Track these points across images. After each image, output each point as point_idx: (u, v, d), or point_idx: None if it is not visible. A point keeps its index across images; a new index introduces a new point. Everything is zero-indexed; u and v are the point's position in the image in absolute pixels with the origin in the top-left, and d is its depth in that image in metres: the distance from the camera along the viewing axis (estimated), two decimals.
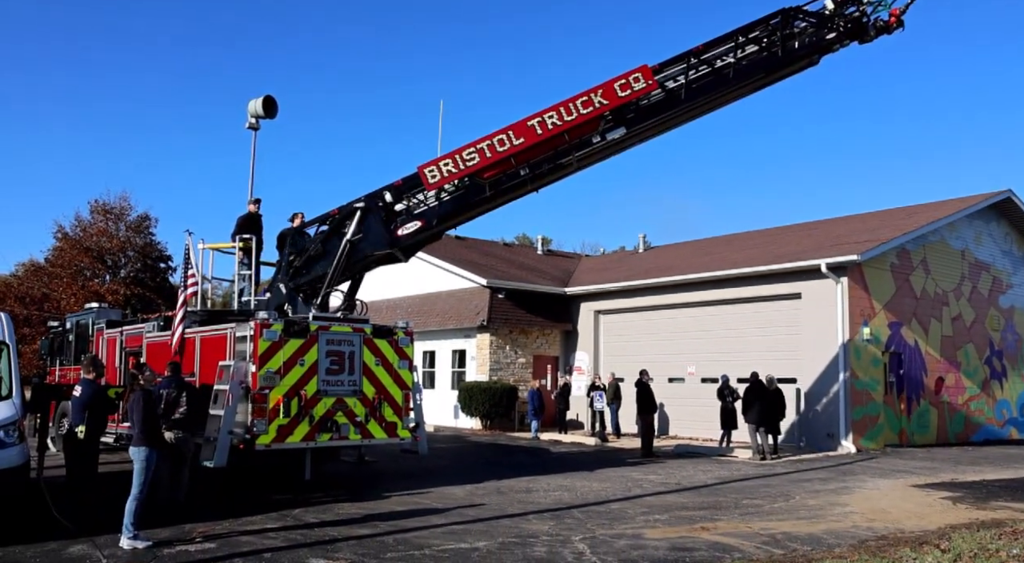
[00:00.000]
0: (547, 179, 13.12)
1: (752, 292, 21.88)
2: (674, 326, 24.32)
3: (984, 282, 24.91)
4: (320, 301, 12.95)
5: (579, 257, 38.10)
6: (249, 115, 17.06)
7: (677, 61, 12.45)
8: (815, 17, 12.31)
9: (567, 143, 12.44)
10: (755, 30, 12.42)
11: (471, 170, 12.41)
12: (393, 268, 16.55)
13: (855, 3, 12.20)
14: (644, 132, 12.92)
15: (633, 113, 12.47)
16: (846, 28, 12.17)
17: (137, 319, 17.64)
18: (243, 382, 11.48)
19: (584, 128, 12.31)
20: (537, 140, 12.23)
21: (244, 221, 14.46)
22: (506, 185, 12.75)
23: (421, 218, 12.99)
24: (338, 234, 13.19)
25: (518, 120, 12.30)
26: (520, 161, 12.51)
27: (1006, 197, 24.88)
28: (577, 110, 12.10)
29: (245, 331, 11.82)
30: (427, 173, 12.55)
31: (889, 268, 21.36)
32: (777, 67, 12.55)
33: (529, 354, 26.62)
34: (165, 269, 45.02)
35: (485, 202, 13.05)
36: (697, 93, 12.44)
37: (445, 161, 12.44)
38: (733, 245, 27.46)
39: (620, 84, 11.96)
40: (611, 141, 12.62)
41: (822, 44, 12.33)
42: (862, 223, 25.06)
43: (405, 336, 13.32)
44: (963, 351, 23.73)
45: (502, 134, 12.28)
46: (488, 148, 12.30)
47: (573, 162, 12.74)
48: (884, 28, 12.19)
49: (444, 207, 12.97)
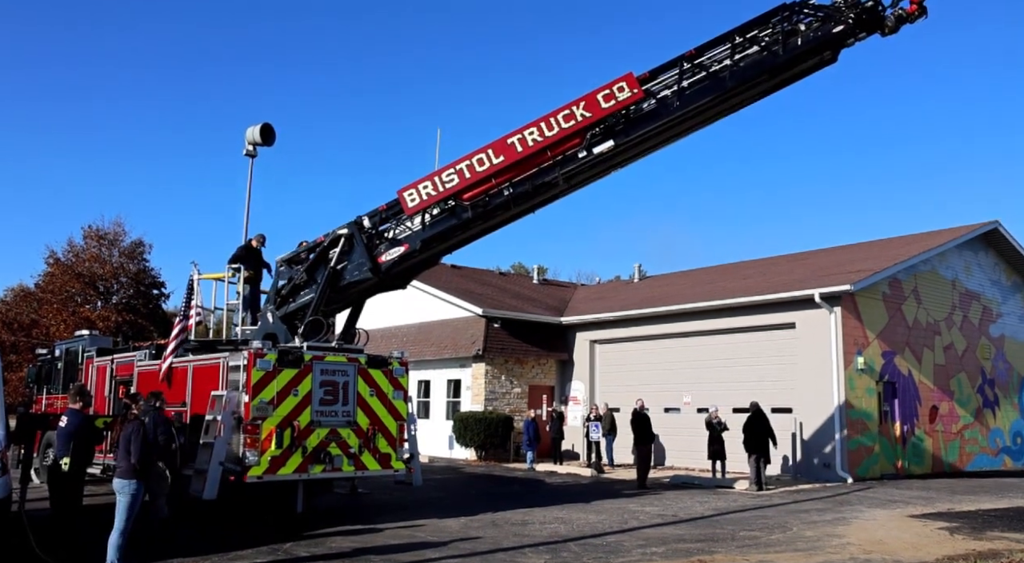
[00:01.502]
0: (533, 200, 12.47)
1: (747, 322, 21.91)
2: (670, 356, 24.29)
3: (974, 311, 25.02)
4: (303, 330, 12.64)
5: (575, 286, 38.12)
6: (247, 142, 17.12)
7: (669, 67, 11.56)
8: (822, 10, 11.03)
9: (550, 160, 11.76)
10: (754, 29, 11.29)
11: (450, 191, 11.98)
12: (389, 296, 16.54)
13: None
14: (638, 145, 12.04)
15: (622, 124, 11.65)
16: (859, 19, 10.83)
17: (128, 347, 17.52)
18: (235, 412, 11.40)
19: (568, 143, 11.60)
20: (518, 158, 11.64)
21: (242, 251, 14.41)
22: (489, 206, 12.19)
23: (404, 243, 12.68)
24: (324, 262, 13.10)
25: (498, 138, 11.77)
26: (502, 181, 11.92)
27: (993, 228, 25.11)
28: (559, 124, 11.43)
29: (238, 360, 11.75)
30: (406, 196, 12.23)
31: (881, 298, 21.44)
32: (781, 67, 11.32)
33: (525, 384, 26.53)
34: (158, 296, 44.91)
35: (469, 226, 12.56)
36: (691, 100, 11.40)
37: (424, 184, 12.09)
38: (728, 275, 27.55)
39: (603, 95, 11.26)
40: (600, 156, 11.76)
41: (828, 38, 10.98)
42: (854, 253, 25.20)
43: (400, 366, 13.26)
44: (956, 380, 23.75)
45: (481, 153, 11.77)
46: (467, 168, 11.83)
47: (559, 180, 11.94)
48: (905, 17, 10.86)
49: (427, 231, 12.57)
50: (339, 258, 12.91)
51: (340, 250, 12.91)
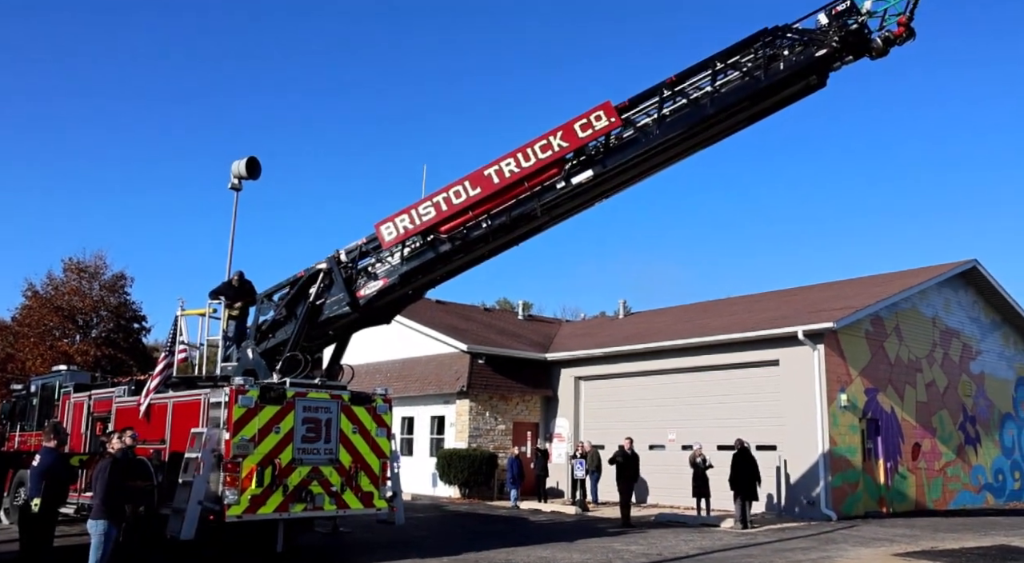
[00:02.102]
0: (513, 233, 12.29)
1: (732, 359, 21.96)
2: (655, 393, 24.26)
3: (955, 349, 25.23)
4: (281, 366, 12.50)
5: (559, 322, 38.14)
6: (232, 175, 17.13)
7: (649, 95, 11.36)
8: (805, 34, 10.82)
9: (528, 191, 11.56)
10: (735, 54, 11.09)
11: (427, 224, 11.82)
12: (373, 332, 16.45)
13: (852, 14, 10.65)
14: (619, 175, 11.83)
15: (601, 154, 11.47)
16: (844, 43, 10.56)
17: (107, 383, 17.29)
18: (215, 450, 11.24)
19: (545, 174, 11.39)
20: (495, 189, 11.45)
21: (224, 286, 14.32)
22: (468, 239, 12.03)
23: (383, 278, 12.56)
24: (303, 297, 13.01)
25: (475, 169, 11.65)
26: (479, 213, 11.75)
27: (972, 266, 25.45)
28: (536, 155, 11.22)
29: (220, 397, 11.62)
30: (383, 230, 12.09)
31: (864, 335, 21.58)
32: (763, 93, 11.05)
33: (509, 421, 26.37)
34: (139, 330, 44.40)
35: (448, 259, 12.42)
36: (672, 128, 11.18)
37: (401, 217, 11.94)
38: (712, 312, 27.66)
39: (581, 124, 11.06)
40: (579, 187, 11.56)
41: (812, 62, 10.73)
42: (836, 291, 25.42)
43: (384, 403, 13.15)
44: (938, 417, 23.86)
45: (458, 185, 11.62)
46: (444, 201, 11.66)
47: (538, 212, 11.75)
48: (893, 39, 10.56)
49: (406, 265, 12.44)
50: (318, 293, 12.82)
51: (319, 285, 12.83)
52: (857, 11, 10.53)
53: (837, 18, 10.61)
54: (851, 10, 10.54)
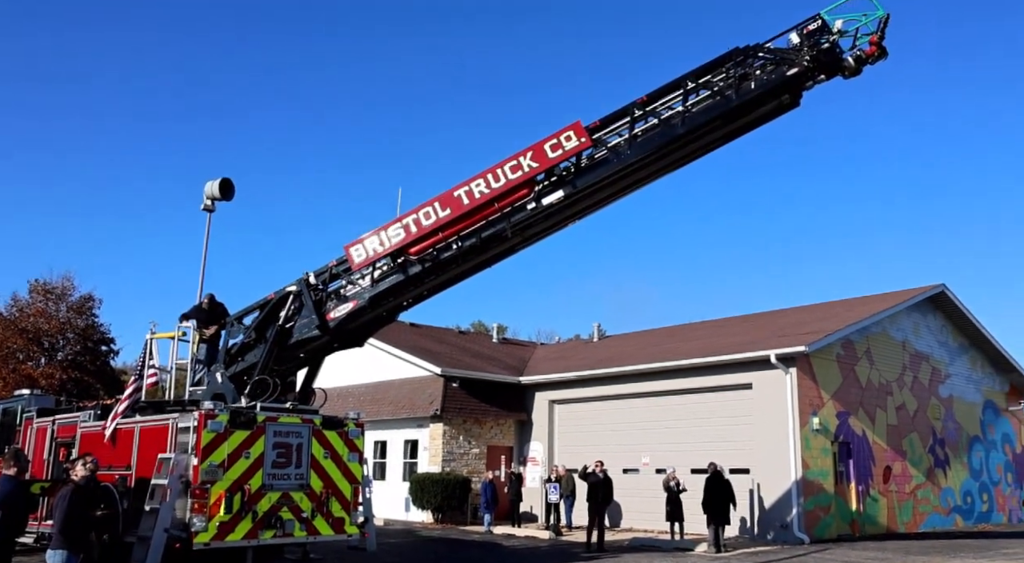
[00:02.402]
0: (484, 254, 12.17)
1: (705, 382, 22.02)
2: (629, 416, 24.24)
3: (924, 372, 25.52)
4: (250, 390, 12.27)
5: (534, 345, 38.06)
6: (205, 197, 16.95)
7: (620, 115, 11.28)
8: (776, 54, 10.81)
9: (498, 212, 11.43)
10: (707, 74, 11.05)
11: (397, 246, 11.71)
12: (346, 355, 16.27)
13: (824, 33, 10.60)
14: (591, 195, 11.73)
15: (572, 174, 11.37)
16: (816, 62, 10.52)
17: (72, 407, 16.92)
18: (183, 476, 11.01)
19: (515, 194, 11.28)
20: (464, 210, 11.33)
21: (194, 310, 14.11)
22: (438, 260, 11.90)
23: (353, 300, 12.40)
24: (273, 320, 12.84)
25: (445, 191, 11.53)
26: (449, 234, 11.63)
27: (940, 291, 25.83)
28: (505, 176, 11.11)
29: (188, 422, 11.40)
30: (352, 252, 11.99)
31: (835, 359, 21.76)
32: (735, 112, 10.99)
33: (483, 444, 26.19)
34: (107, 352, 43.67)
35: (419, 281, 12.28)
36: (643, 148, 11.10)
37: (370, 239, 11.85)
38: (686, 335, 27.78)
39: (551, 144, 10.96)
40: (550, 207, 11.42)
41: (783, 81, 10.72)
42: (808, 314, 25.66)
43: (356, 428, 12.99)
44: (908, 440, 24.07)
45: (428, 206, 11.49)
46: (413, 222, 11.55)
47: (509, 233, 11.60)
48: (865, 58, 10.57)
49: (376, 288, 12.29)
50: (288, 316, 12.64)
51: (288, 308, 12.66)
52: (828, 30, 10.52)
53: (809, 37, 10.59)
54: (822, 29, 10.55)
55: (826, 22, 10.52)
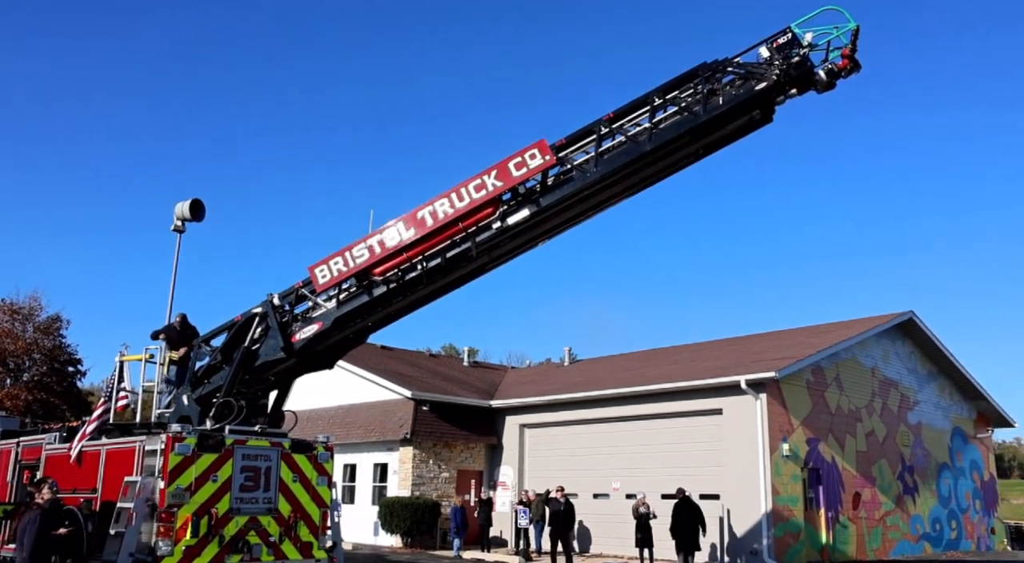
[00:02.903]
0: (451, 275, 12.00)
1: (675, 407, 22.11)
2: (599, 441, 24.24)
3: (893, 399, 25.81)
4: (214, 412, 12.05)
5: (505, 369, 38.03)
6: (175, 217, 16.83)
7: (586, 132, 11.10)
8: (745, 68, 10.54)
9: (463, 232, 11.28)
10: (674, 90, 10.84)
11: (361, 267, 11.57)
12: (317, 378, 16.15)
13: (794, 46, 10.29)
14: (558, 214, 11.53)
15: (538, 193, 11.17)
16: (786, 76, 10.25)
17: (37, 429, 16.61)
18: (149, 499, 10.84)
19: (480, 214, 11.10)
20: (428, 230, 11.18)
21: (166, 328, 13.95)
22: (403, 281, 11.72)
23: (318, 321, 12.21)
24: (239, 342, 12.72)
25: (410, 211, 11.39)
26: (413, 254, 11.47)
27: (908, 318, 26.18)
28: (469, 195, 10.95)
29: (155, 444, 11.25)
30: (317, 273, 11.84)
31: (805, 385, 21.96)
32: (703, 129, 10.72)
33: (453, 468, 26.04)
34: (74, 373, 43.00)
35: (385, 302, 12.11)
36: (609, 165, 10.86)
37: (335, 259, 11.70)
38: (657, 360, 27.90)
39: (515, 163, 10.79)
40: (516, 227, 11.25)
41: (752, 96, 10.45)
42: (779, 340, 25.89)
43: (325, 451, 12.88)
44: (877, 466, 24.27)
45: (392, 227, 11.41)
46: (378, 243, 11.43)
47: (474, 253, 11.44)
48: (837, 72, 10.28)
49: (341, 309, 12.12)
50: (253, 338, 12.52)
51: (254, 330, 12.55)
52: (799, 44, 10.25)
53: (779, 51, 10.31)
54: (793, 43, 10.28)
55: (796, 35, 10.29)
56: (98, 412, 13.12)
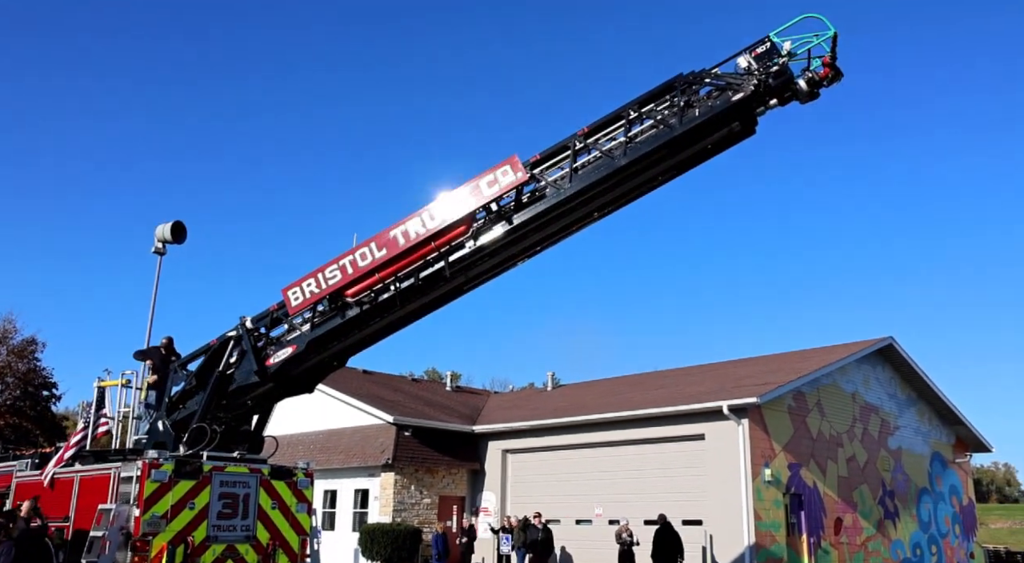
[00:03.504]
0: (425, 296, 11.71)
1: (658, 433, 22.06)
2: (582, 466, 24.12)
3: (873, 424, 25.90)
4: (187, 438, 11.78)
5: (488, 394, 37.87)
6: (156, 239, 16.69)
7: (561, 148, 10.84)
8: (722, 79, 10.29)
9: (436, 251, 11.06)
10: (650, 103, 10.59)
11: (333, 288, 11.37)
12: (298, 403, 16.01)
13: (773, 56, 10.05)
14: (534, 232, 11.22)
15: (511, 211, 10.92)
16: (765, 86, 9.98)
17: (8, 455, 16.24)
18: (124, 528, 10.61)
19: (452, 232, 10.90)
20: (400, 250, 10.98)
21: (152, 349, 13.75)
22: (376, 303, 11.50)
23: (292, 345, 12.01)
24: (214, 366, 12.53)
25: (382, 230, 11.19)
26: (386, 275, 11.26)
27: (888, 343, 26.37)
28: (441, 214, 10.79)
29: (131, 471, 11.03)
30: (290, 295, 11.65)
31: (787, 410, 22.00)
32: (680, 142, 10.39)
33: (435, 494, 25.80)
34: (48, 397, 42.35)
35: (360, 325, 11.87)
36: (584, 181, 10.56)
37: (308, 281, 11.53)
38: (639, 386, 27.88)
39: (487, 180, 10.58)
40: (492, 245, 11.01)
41: (729, 108, 10.15)
42: (761, 365, 25.96)
43: (305, 477, 12.69)
44: (858, 492, 24.29)
45: (364, 247, 11.20)
46: (350, 263, 11.24)
47: (447, 273, 11.18)
48: (818, 81, 9.96)
49: (315, 332, 11.89)
50: (228, 362, 12.34)
51: (229, 353, 12.37)
52: (778, 53, 10.00)
53: (757, 61, 10.07)
54: (771, 52, 10.04)
55: (775, 44, 9.99)
56: (76, 438, 12.89)
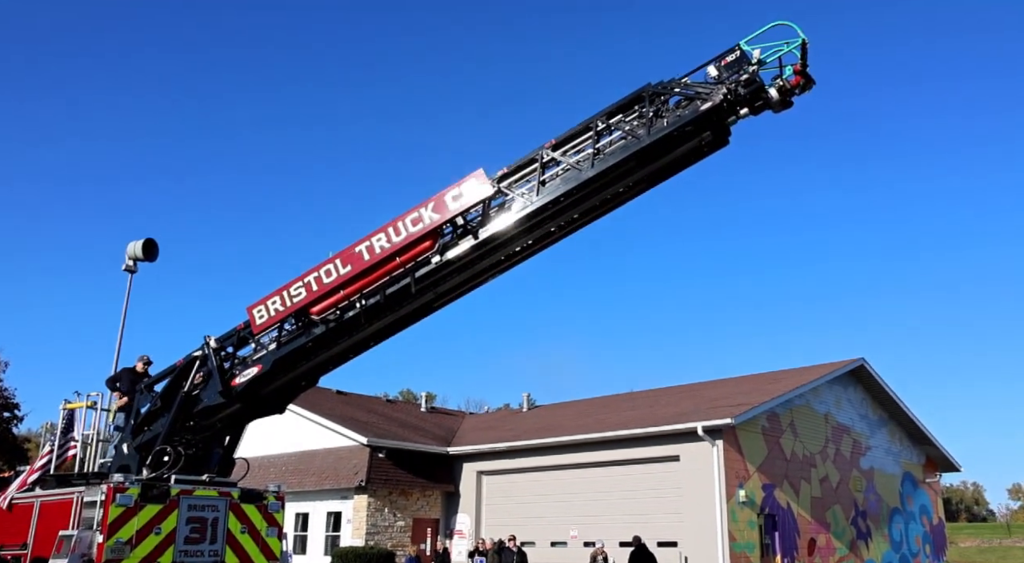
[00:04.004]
0: (393, 313, 11.38)
1: (633, 454, 22.01)
2: (557, 488, 23.99)
3: (846, 445, 26.05)
4: (150, 460, 11.47)
5: (463, 415, 37.68)
6: (127, 257, 16.43)
7: (529, 161, 10.61)
8: (691, 89, 10.05)
9: (401, 267, 10.81)
10: (618, 113, 10.39)
11: (298, 306, 11.12)
12: (270, 424, 15.74)
13: (743, 64, 9.82)
14: (502, 247, 10.96)
15: (478, 224, 10.64)
16: (734, 95, 9.78)
17: None
18: (85, 555, 10.29)
19: (417, 247, 10.63)
20: (365, 266, 10.74)
21: (124, 372, 13.45)
22: (342, 320, 11.22)
23: (258, 364, 11.72)
24: (179, 386, 12.25)
25: (347, 246, 10.96)
26: (351, 292, 11.02)
27: (860, 365, 26.61)
28: (406, 228, 10.51)
29: (95, 496, 10.74)
30: (255, 313, 11.42)
31: (760, 431, 22.06)
32: (649, 153, 10.17)
33: (409, 517, 25.50)
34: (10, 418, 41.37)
35: (326, 343, 11.58)
36: (551, 194, 10.31)
37: (273, 299, 11.29)
38: (615, 406, 27.85)
39: (452, 194, 10.35)
40: (459, 260, 10.78)
41: (698, 117, 9.91)
42: (734, 387, 26.06)
43: (276, 501, 12.42)
44: (831, 512, 24.37)
45: (329, 264, 10.95)
46: (315, 280, 10.99)
47: (414, 289, 10.87)
48: (789, 89, 9.74)
49: (281, 350, 11.59)
50: (193, 382, 12.10)
51: (195, 373, 12.14)
52: (748, 61, 9.76)
53: (727, 70, 9.85)
54: (741, 61, 9.81)
55: (745, 52, 9.78)
56: (41, 461, 12.57)
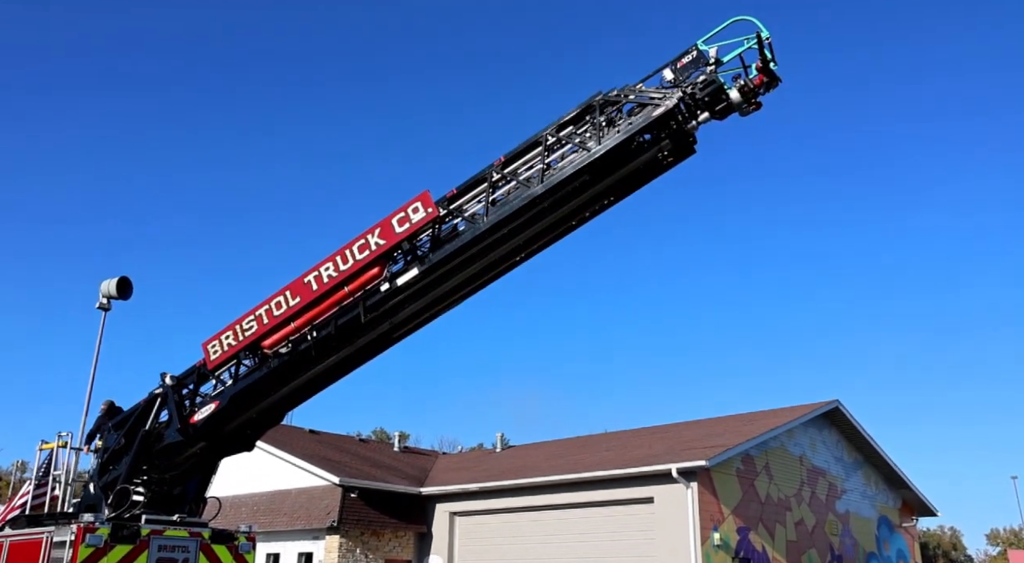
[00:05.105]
0: (349, 346, 11.02)
1: (607, 496, 21.95)
2: (531, 530, 23.82)
3: (821, 487, 26.14)
4: (111, 500, 11.33)
5: (436, 455, 37.44)
6: (101, 295, 16.34)
7: (478, 181, 10.17)
8: (644, 95, 9.35)
9: (350, 296, 10.51)
10: (569, 125, 9.85)
11: (250, 340, 10.96)
12: (242, 463, 15.65)
13: (700, 65, 9.13)
14: (455, 272, 10.42)
15: (428, 248, 10.24)
16: (693, 99, 9.06)
17: None
18: None
19: (365, 275, 10.33)
20: (314, 296, 10.49)
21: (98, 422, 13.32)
22: (296, 353, 10.95)
23: (215, 400, 11.56)
24: (141, 425, 12.02)
25: (297, 277, 10.76)
26: (302, 324, 10.75)
27: (834, 407, 26.79)
28: (353, 256, 10.24)
29: (65, 535, 10.58)
30: (209, 349, 11.34)
31: (735, 473, 22.10)
32: (604, 166, 9.46)
33: (380, 558, 25.16)
34: None
35: (282, 377, 11.28)
36: (499, 213, 9.75)
37: (226, 334, 11.17)
38: (589, 447, 27.81)
39: (399, 218, 9.99)
40: (409, 287, 10.32)
41: (651, 124, 9.16)
42: (708, 428, 26.13)
43: (247, 541, 12.27)
44: (807, 556, 24.35)
45: (279, 296, 10.76)
46: (266, 313, 10.80)
47: (364, 318, 10.49)
48: (754, 89, 8.96)
49: (237, 386, 11.41)
50: (153, 421, 12.00)
51: (157, 412, 12.05)
52: (705, 62, 9.07)
53: (683, 72, 9.15)
54: (698, 61, 9.12)
55: (702, 53, 9.10)
56: (17, 501, 12.37)
